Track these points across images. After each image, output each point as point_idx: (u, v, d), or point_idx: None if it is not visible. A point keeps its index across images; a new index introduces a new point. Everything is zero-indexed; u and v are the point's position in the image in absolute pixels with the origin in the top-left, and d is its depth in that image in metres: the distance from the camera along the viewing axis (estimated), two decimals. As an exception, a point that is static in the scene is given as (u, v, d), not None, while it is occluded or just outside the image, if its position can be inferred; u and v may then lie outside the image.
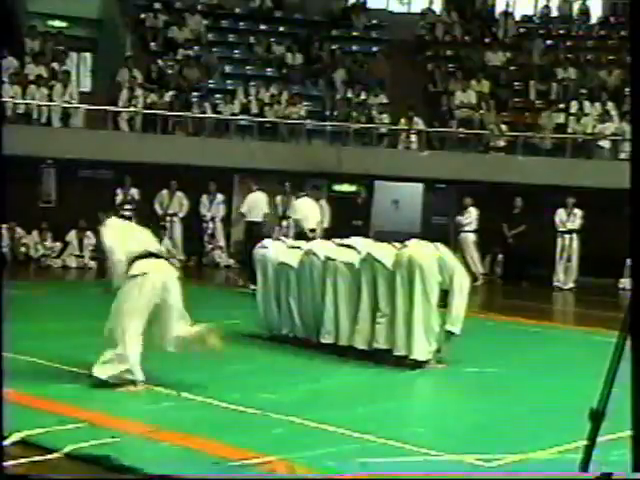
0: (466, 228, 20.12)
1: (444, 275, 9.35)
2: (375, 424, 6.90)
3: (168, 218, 20.66)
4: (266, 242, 11.45)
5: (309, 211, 15.96)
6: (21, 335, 8.19)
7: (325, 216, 20.32)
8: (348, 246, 10.11)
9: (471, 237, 20.00)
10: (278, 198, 20.56)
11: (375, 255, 9.58)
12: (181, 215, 20.74)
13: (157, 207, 20.64)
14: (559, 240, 19.71)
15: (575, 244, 19.67)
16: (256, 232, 16.49)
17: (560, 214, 19.62)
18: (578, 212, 19.51)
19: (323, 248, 10.36)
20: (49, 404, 7.00)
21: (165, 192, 20.68)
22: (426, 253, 9.40)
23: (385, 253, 9.61)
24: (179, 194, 20.67)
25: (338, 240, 10.51)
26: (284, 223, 20.28)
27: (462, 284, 9.44)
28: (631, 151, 3.71)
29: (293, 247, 10.99)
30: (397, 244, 9.72)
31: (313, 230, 15.60)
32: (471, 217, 20.10)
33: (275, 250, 10.97)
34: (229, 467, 5.67)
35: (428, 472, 5.80)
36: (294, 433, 6.62)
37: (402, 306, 9.27)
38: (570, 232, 19.65)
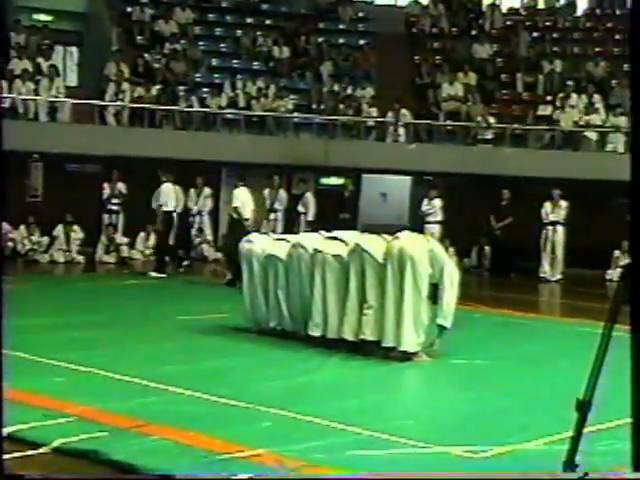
0: (430, 219, 20.11)
1: (434, 268, 9.36)
2: (364, 416, 6.91)
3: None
4: (251, 236, 11.45)
5: (247, 201, 16.48)
6: (8, 330, 8.15)
7: (310, 210, 20.39)
8: (336, 238, 10.11)
9: (436, 229, 19.84)
10: (266, 192, 20.53)
11: (363, 246, 9.58)
12: (179, 210, 20.58)
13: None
14: (543, 232, 19.75)
15: (558, 236, 19.69)
16: (170, 222, 17.46)
17: (546, 206, 19.66)
18: (563, 204, 19.54)
19: (311, 241, 10.36)
20: (36, 399, 6.98)
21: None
22: (417, 245, 9.41)
23: (374, 245, 9.62)
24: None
25: (326, 233, 10.51)
26: (271, 216, 20.28)
27: (452, 277, 9.45)
28: (631, 149, 3.71)
29: (280, 240, 10.99)
30: (387, 236, 9.72)
31: (247, 219, 16.26)
32: (435, 208, 20.10)
33: (261, 243, 10.96)
34: (218, 461, 5.68)
35: (417, 464, 5.82)
36: (283, 426, 6.63)
37: (392, 297, 9.28)
38: (553, 224, 19.68)
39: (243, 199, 16.40)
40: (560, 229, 19.67)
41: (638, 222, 3.59)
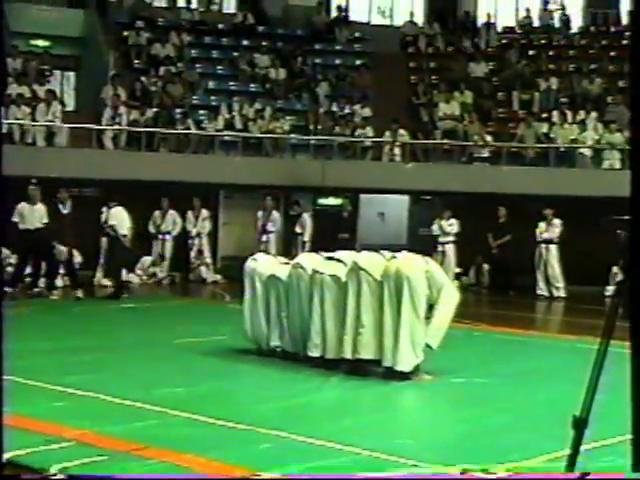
0: (446, 239, 20.27)
1: (432, 290, 9.34)
2: (363, 437, 6.89)
3: (160, 236, 20.60)
4: (257, 255, 11.50)
5: (122, 219, 17.39)
6: (5, 354, 8.14)
7: (307, 231, 20.45)
8: (336, 259, 10.11)
9: (451, 249, 20.21)
10: (259, 213, 20.57)
11: (361, 264, 9.58)
12: (174, 233, 20.66)
13: (151, 227, 20.60)
14: (537, 250, 19.80)
15: (552, 254, 19.70)
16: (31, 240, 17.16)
17: (540, 225, 19.74)
18: (557, 222, 19.60)
19: (310, 261, 10.36)
20: (34, 423, 6.95)
21: (158, 212, 20.64)
22: (415, 266, 9.38)
23: (373, 263, 9.60)
24: (172, 212, 20.61)
25: (326, 253, 10.51)
26: (263, 238, 20.33)
27: (449, 299, 9.42)
28: (631, 157, 3.71)
29: (282, 262, 11.02)
30: (387, 253, 9.70)
31: (125, 235, 17.30)
32: (454, 227, 20.28)
33: (265, 263, 10.98)
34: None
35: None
36: (282, 448, 6.61)
37: (389, 317, 9.26)
38: (546, 242, 19.72)
39: (119, 218, 17.31)
40: (553, 247, 19.71)
41: (638, 237, 3.59)
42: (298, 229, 20.60)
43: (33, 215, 17.31)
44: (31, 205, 17.53)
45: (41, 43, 24.99)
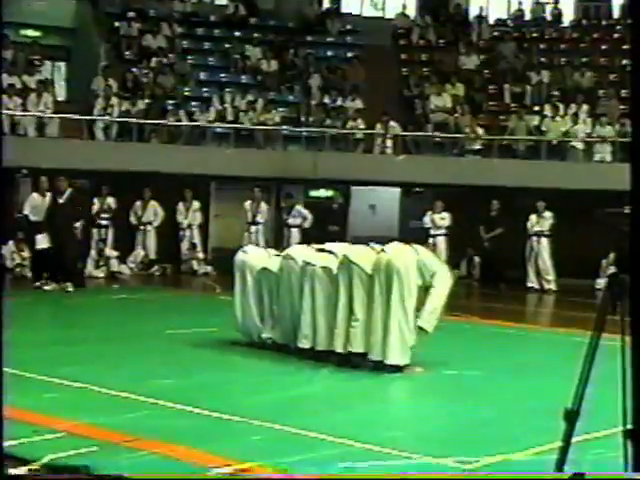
0: (437, 232, 20.27)
1: (425, 276, 9.34)
2: (354, 429, 6.90)
3: (142, 227, 20.61)
4: (247, 247, 11.49)
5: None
6: (5, 347, 8.13)
7: (308, 218, 20.47)
8: (327, 251, 10.11)
9: (442, 241, 20.20)
10: (247, 204, 20.55)
11: (352, 258, 9.58)
12: (155, 224, 20.67)
13: (132, 218, 20.64)
14: (528, 243, 19.84)
15: (542, 247, 19.75)
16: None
17: (531, 218, 19.77)
18: (548, 215, 19.64)
19: (301, 253, 10.37)
20: (25, 414, 6.91)
21: (139, 203, 20.65)
22: (405, 257, 9.37)
23: (363, 256, 9.61)
24: (153, 203, 20.63)
25: (317, 245, 10.52)
26: (252, 229, 20.31)
27: (443, 282, 9.42)
28: (630, 151, 3.71)
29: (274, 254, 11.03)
30: (376, 246, 9.70)
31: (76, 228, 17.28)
32: (446, 221, 20.28)
33: (256, 255, 10.98)
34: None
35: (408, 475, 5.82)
36: (274, 439, 6.62)
37: (379, 311, 9.26)
38: (538, 235, 19.77)
39: None
40: (544, 240, 19.76)
41: (638, 228, 3.59)
42: (291, 220, 20.58)
43: (45, 207, 17.28)
44: (42, 197, 17.51)
45: (31, 33, 24.89)
